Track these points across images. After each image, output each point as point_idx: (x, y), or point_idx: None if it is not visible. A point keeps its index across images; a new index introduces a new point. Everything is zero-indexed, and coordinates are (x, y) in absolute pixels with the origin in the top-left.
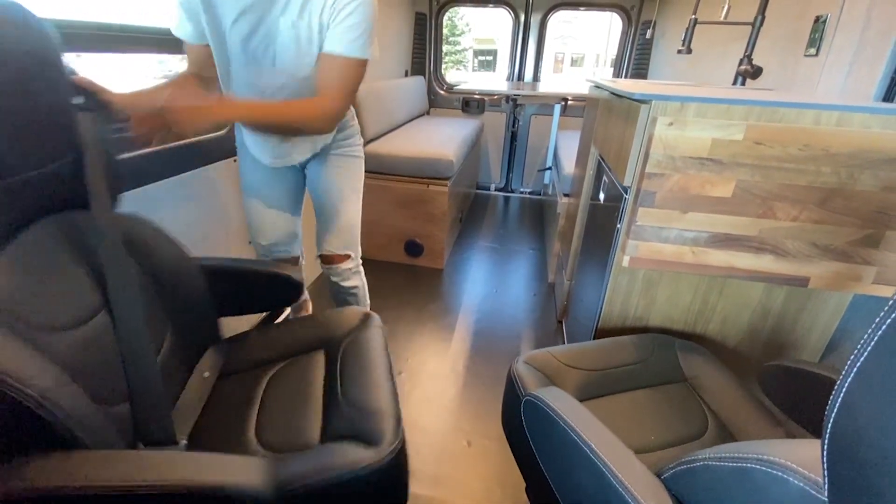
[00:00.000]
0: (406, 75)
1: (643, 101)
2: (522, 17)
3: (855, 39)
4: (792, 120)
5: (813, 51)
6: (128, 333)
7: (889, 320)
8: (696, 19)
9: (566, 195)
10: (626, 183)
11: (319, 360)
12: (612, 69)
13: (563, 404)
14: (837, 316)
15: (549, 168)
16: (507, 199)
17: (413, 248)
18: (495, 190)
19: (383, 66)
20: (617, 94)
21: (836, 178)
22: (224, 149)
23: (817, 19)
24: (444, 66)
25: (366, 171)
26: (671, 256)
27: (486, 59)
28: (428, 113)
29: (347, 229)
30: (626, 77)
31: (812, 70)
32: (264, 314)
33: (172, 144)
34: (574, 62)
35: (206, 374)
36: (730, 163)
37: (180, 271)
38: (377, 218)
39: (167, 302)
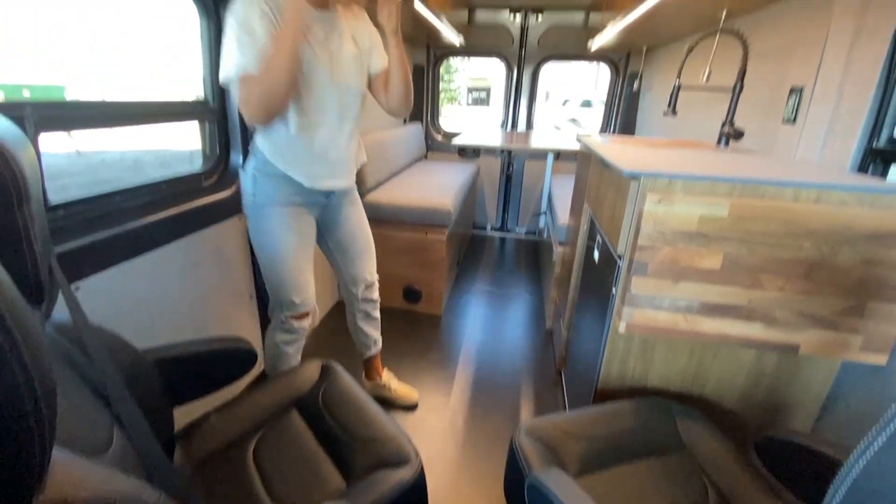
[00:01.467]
0: (405, 123)
1: (633, 177)
2: (515, 69)
3: (829, 112)
4: (773, 196)
5: (790, 119)
6: (145, 449)
7: None
8: (679, 84)
9: (561, 243)
10: (620, 251)
11: (296, 419)
12: (602, 119)
13: (567, 491)
14: (829, 380)
15: (544, 213)
16: (503, 239)
17: (411, 295)
18: (492, 230)
19: (384, 115)
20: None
21: (818, 252)
22: (224, 209)
23: (793, 90)
24: (439, 101)
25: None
26: (665, 323)
27: (480, 96)
28: (426, 157)
29: (374, 254)
30: (615, 126)
31: (790, 137)
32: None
33: (171, 212)
34: (565, 104)
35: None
36: (717, 237)
37: (136, 374)
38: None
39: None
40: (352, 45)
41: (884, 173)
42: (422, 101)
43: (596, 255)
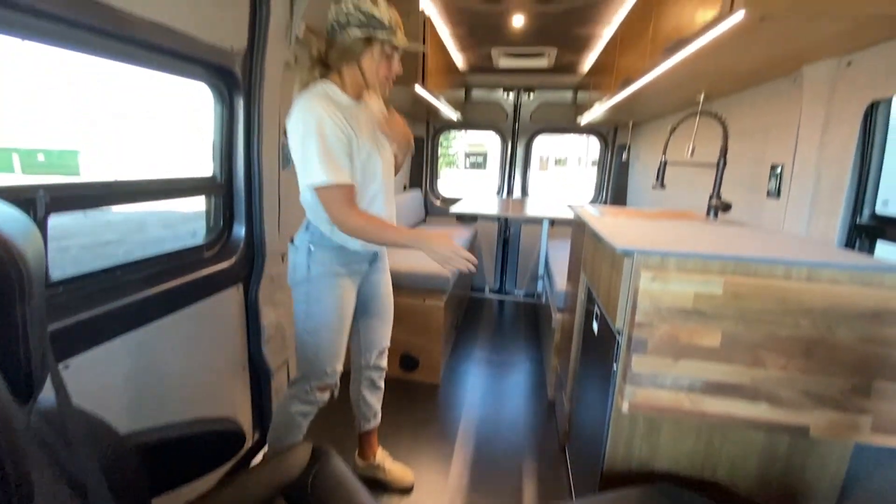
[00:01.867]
0: (405, 189)
1: (626, 254)
2: (510, 141)
3: (810, 189)
4: (765, 273)
5: (774, 193)
6: None
7: None
8: (665, 160)
9: (560, 310)
10: (618, 326)
11: None
12: (594, 187)
13: None
14: (844, 462)
15: (542, 277)
16: (501, 302)
17: (408, 363)
18: (490, 293)
19: None
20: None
21: (816, 330)
22: (224, 279)
23: (773, 167)
24: (438, 169)
25: None
26: (669, 403)
27: (477, 161)
28: (424, 221)
29: (392, 321)
30: (607, 193)
31: (776, 211)
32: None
33: (171, 284)
34: (558, 162)
35: None
36: (714, 315)
37: (116, 463)
38: None
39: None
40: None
41: (871, 249)
42: (422, 170)
43: (595, 326)
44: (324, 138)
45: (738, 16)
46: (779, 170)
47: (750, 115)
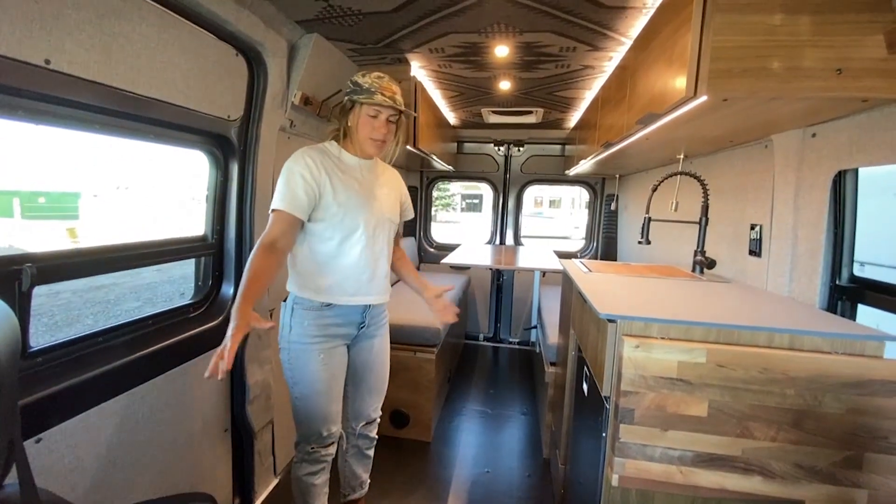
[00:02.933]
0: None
1: (610, 319)
2: (501, 191)
3: (789, 249)
4: (748, 341)
5: (756, 252)
6: None
7: None
8: (649, 217)
9: (553, 363)
10: (605, 392)
11: None
12: (585, 237)
13: None
14: None
15: (535, 327)
16: (495, 349)
17: (398, 420)
18: (484, 340)
19: None
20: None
21: (802, 400)
22: (209, 340)
23: (753, 226)
24: (434, 208)
25: None
26: (660, 476)
27: (473, 203)
28: (418, 268)
29: (384, 392)
30: (598, 241)
31: (759, 269)
32: None
33: (155, 347)
34: (552, 203)
35: None
36: (699, 384)
37: None
38: None
39: None
40: (385, 183)
41: (853, 311)
42: (415, 218)
43: (585, 387)
44: (289, 174)
45: (702, 98)
46: (758, 229)
47: (728, 175)
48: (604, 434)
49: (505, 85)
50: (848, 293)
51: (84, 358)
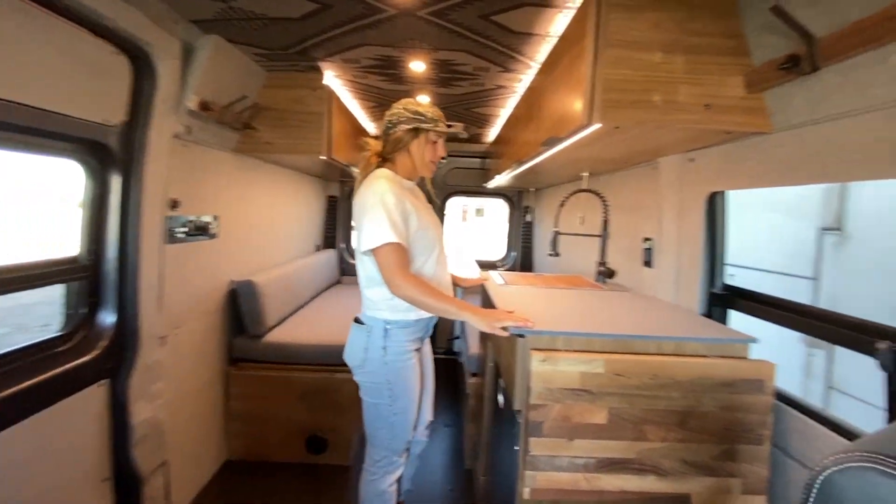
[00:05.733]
0: (317, 250)
1: (519, 335)
2: None
3: (674, 261)
4: (640, 348)
5: (648, 263)
6: None
7: None
8: (557, 231)
9: (474, 374)
10: (518, 406)
11: None
12: (506, 247)
13: None
14: None
15: (458, 337)
16: None
17: (316, 445)
18: None
19: (292, 245)
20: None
21: (686, 401)
22: (84, 376)
23: (645, 240)
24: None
25: (264, 363)
26: (567, 484)
27: None
28: (339, 282)
29: None
30: (518, 252)
31: (652, 278)
32: None
33: (17, 388)
34: (478, 212)
35: None
36: (599, 393)
37: None
38: (273, 413)
39: None
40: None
41: (725, 317)
42: (335, 230)
43: (500, 399)
44: (386, 206)
45: (597, 126)
46: (650, 243)
47: (625, 193)
48: (516, 447)
49: (423, 99)
50: (721, 300)
51: None
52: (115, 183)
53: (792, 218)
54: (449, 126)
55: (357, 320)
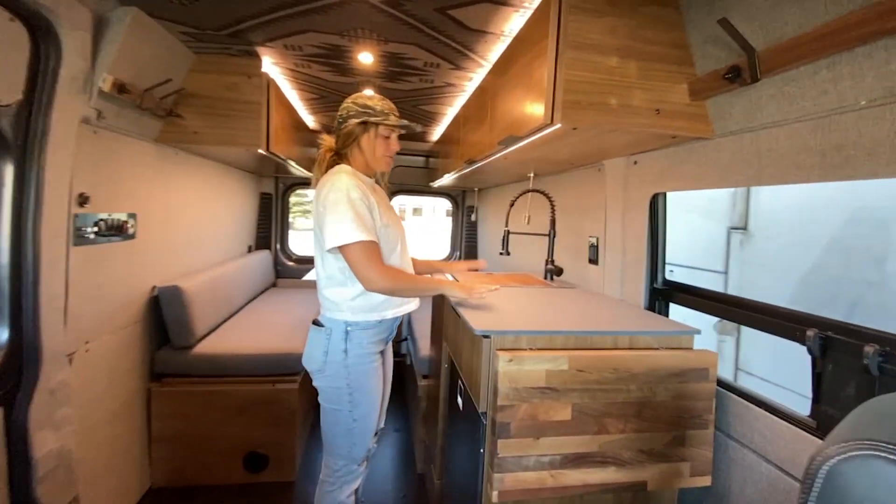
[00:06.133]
0: (249, 251)
1: (485, 335)
2: None
3: (619, 258)
4: (598, 343)
5: (594, 260)
6: None
7: None
8: (508, 231)
9: (425, 376)
10: (482, 408)
11: None
12: (450, 245)
13: None
14: None
15: (405, 339)
16: None
17: (255, 463)
18: None
19: (223, 247)
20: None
21: (642, 392)
22: None
23: (590, 238)
24: (291, 215)
25: (193, 377)
26: (534, 483)
27: None
28: (274, 285)
29: None
30: (461, 251)
31: (597, 275)
32: None
33: None
34: (415, 211)
35: None
36: (563, 390)
37: None
38: (204, 432)
39: None
40: (385, 196)
41: (666, 310)
42: (269, 229)
43: (460, 401)
44: (351, 202)
45: (557, 126)
46: (595, 241)
47: (570, 194)
48: (481, 450)
49: (369, 93)
50: (662, 294)
51: None
52: (8, 174)
53: (706, 219)
54: (400, 119)
55: (316, 322)
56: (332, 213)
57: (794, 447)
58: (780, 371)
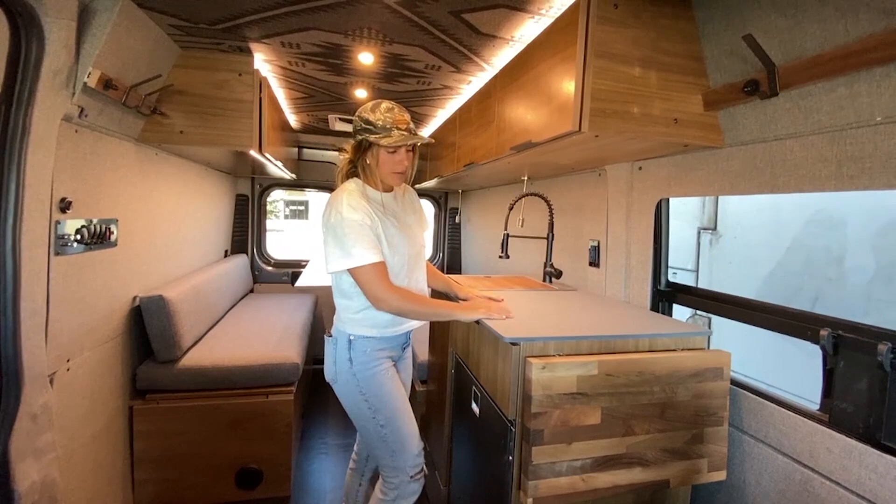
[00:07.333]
0: (226, 255)
1: (514, 343)
2: None
3: (623, 261)
4: (620, 347)
5: (595, 263)
6: None
7: None
8: (508, 234)
9: (423, 382)
10: (511, 416)
11: None
12: (432, 247)
13: None
14: (687, 498)
15: None
16: None
17: (248, 479)
18: None
19: (204, 250)
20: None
21: (665, 394)
22: None
23: (591, 241)
24: (265, 231)
25: (178, 391)
26: (567, 489)
27: (298, 209)
28: (252, 291)
29: None
30: (444, 253)
31: (598, 277)
32: None
33: None
34: None
35: None
36: (593, 394)
37: None
38: (192, 449)
39: None
40: (408, 207)
41: (670, 310)
42: (246, 232)
43: (475, 407)
44: (351, 225)
45: (584, 133)
46: (596, 244)
47: (567, 196)
48: (510, 457)
49: (361, 93)
50: (666, 295)
51: None
52: None
53: (676, 219)
54: (407, 133)
55: (329, 332)
56: (332, 235)
57: (810, 440)
58: (749, 362)
